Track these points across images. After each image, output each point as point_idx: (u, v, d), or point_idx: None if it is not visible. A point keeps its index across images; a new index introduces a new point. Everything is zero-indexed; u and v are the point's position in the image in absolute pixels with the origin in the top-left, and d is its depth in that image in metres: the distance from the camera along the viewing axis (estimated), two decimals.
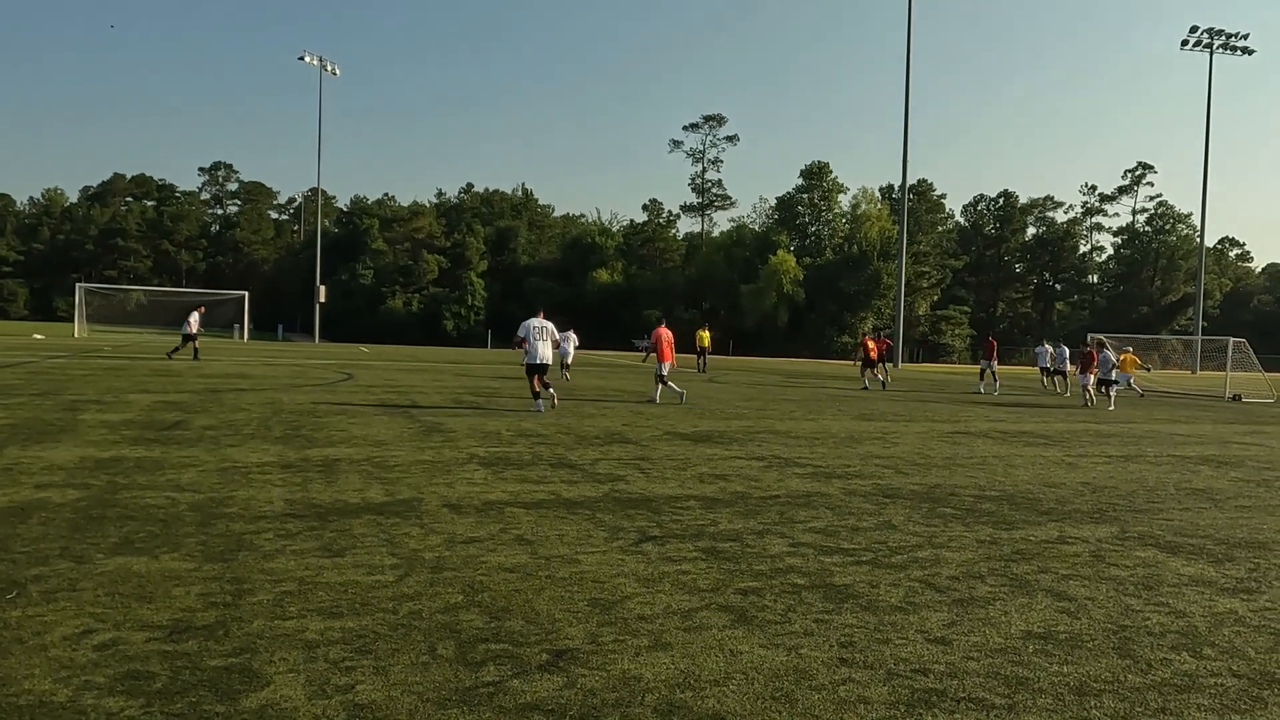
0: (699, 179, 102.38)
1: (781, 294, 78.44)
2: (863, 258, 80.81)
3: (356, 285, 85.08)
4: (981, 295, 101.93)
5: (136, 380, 18.02)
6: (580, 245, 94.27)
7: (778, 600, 4.59)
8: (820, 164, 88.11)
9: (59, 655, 3.47)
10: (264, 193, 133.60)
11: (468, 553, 5.30)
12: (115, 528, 5.56)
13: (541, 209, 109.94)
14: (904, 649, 3.93)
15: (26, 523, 5.60)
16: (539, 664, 3.58)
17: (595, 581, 4.79)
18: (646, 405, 16.62)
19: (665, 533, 6.05)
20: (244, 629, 3.84)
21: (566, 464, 8.96)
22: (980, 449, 11.80)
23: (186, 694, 3.16)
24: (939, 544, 6.05)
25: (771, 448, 10.96)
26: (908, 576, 5.16)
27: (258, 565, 4.84)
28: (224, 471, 7.72)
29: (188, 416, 11.74)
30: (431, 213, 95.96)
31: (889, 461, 10.16)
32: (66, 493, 6.57)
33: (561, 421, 12.96)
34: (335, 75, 64.01)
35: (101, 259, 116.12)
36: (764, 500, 7.42)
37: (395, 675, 3.40)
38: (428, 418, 12.77)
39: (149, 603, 4.14)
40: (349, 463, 8.46)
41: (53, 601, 4.11)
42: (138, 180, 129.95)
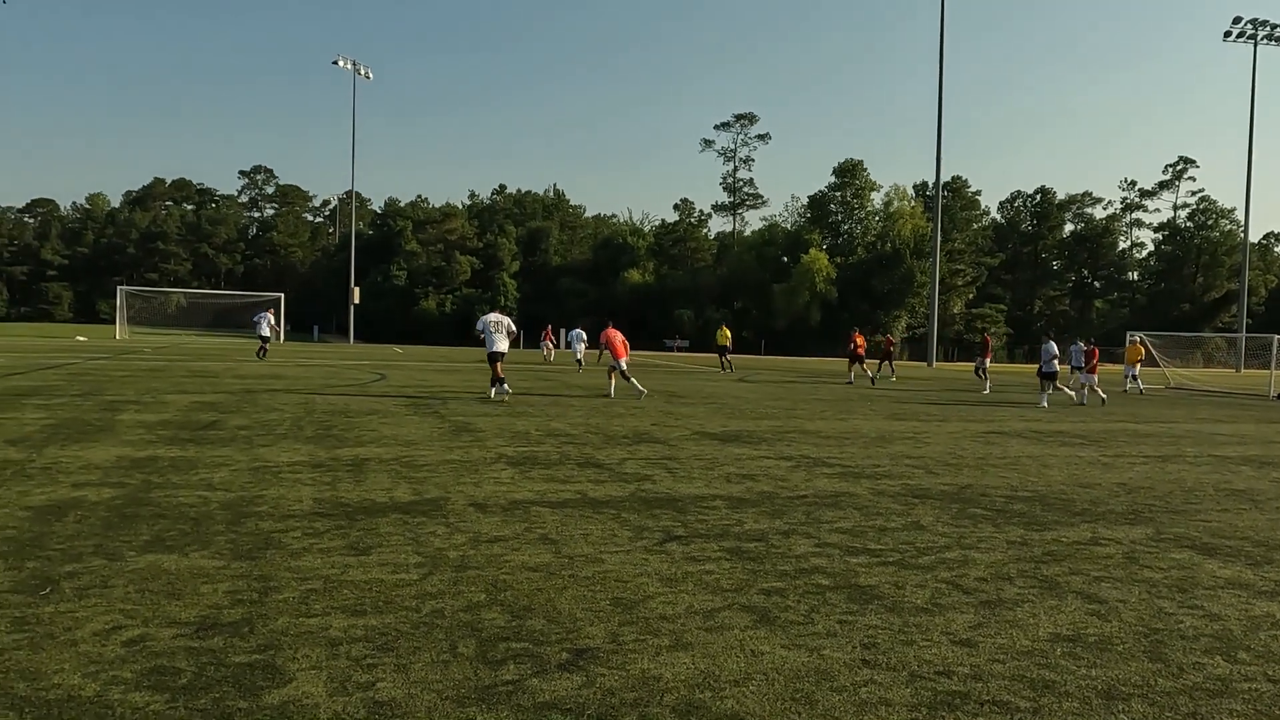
0: (730, 178, 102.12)
1: (814, 293, 77.95)
2: (895, 256, 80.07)
3: (390, 286, 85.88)
4: (1018, 293, 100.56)
5: (175, 381, 18.34)
6: (611, 245, 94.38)
7: (801, 601, 4.55)
8: (853, 161, 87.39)
9: (88, 651, 3.54)
10: (300, 196, 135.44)
11: (492, 552, 5.32)
12: (148, 526, 5.65)
13: (573, 209, 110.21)
14: (928, 651, 3.89)
15: (62, 520, 5.72)
16: (559, 663, 3.59)
17: (618, 581, 4.79)
18: (679, 405, 16.59)
19: (690, 532, 6.04)
20: (269, 626, 3.89)
21: (594, 463, 8.97)
22: (1014, 449, 11.63)
23: (210, 690, 3.21)
24: (968, 545, 5.97)
25: (800, 447, 10.89)
26: (934, 578, 5.10)
27: (285, 563, 4.90)
28: (255, 471, 7.82)
29: (223, 417, 11.92)
30: (464, 214, 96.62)
31: (919, 461, 10.05)
32: (102, 491, 6.69)
33: (590, 421, 12.98)
34: (369, 79, 64.71)
35: (142, 262, 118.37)
36: (791, 500, 7.38)
37: (415, 673, 3.42)
38: (457, 418, 12.85)
39: (177, 600, 4.21)
40: (378, 462, 8.54)
41: (85, 598, 4.18)
42: (178, 184, 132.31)
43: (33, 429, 10.04)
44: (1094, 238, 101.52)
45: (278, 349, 41.90)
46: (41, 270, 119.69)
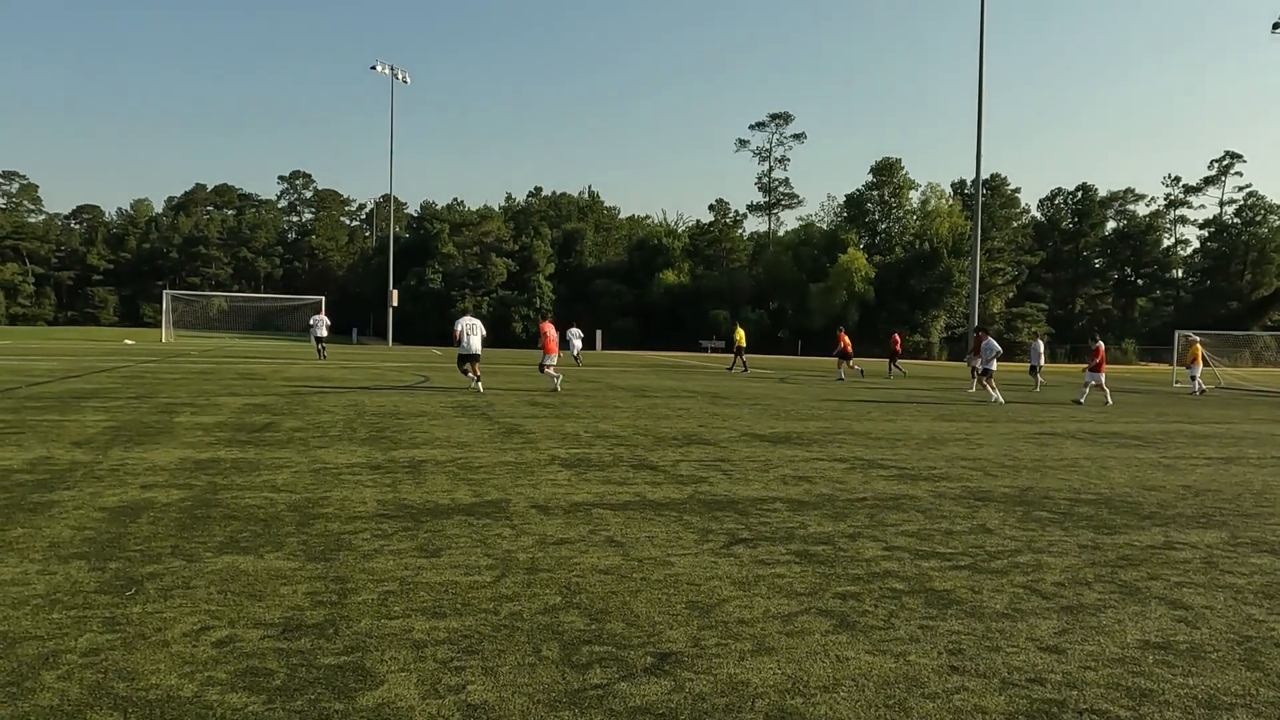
0: (766, 177, 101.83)
1: (852, 293, 77.35)
2: (934, 255, 79.24)
3: (427, 289, 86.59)
4: (1059, 292, 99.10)
5: (224, 384, 18.62)
6: (646, 246, 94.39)
7: (878, 605, 4.49)
8: (890, 160, 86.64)
9: (181, 651, 3.58)
10: (338, 200, 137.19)
11: (560, 554, 5.32)
12: (220, 527, 5.73)
13: (608, 211, 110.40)
14: (1016, 657, 3.81)
15: (137, 521, 5.81)
16: (644, 667, 3.57)
17: (690, 584, 4.76)
18: (725, 407, 16.54)
19: (755, 535, 5.99)
20: (352, 628, 3.91)
21: (648, 465, 8.96)
22: (1070, 450, 11.43)
23: (305, 691, 3.23)
24: (1038, 549, 5.87)
25: (852, 449, 10.79)
26: (1010, 582, 5.01)
27: (358, 565, 4.93)
28: (316, 472, 7.90)
29: (276, 419, 12.07)
30: (499, 217, 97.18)
31: (975, 464, 9.91)
32: (171, 493, 6.80)
33: (638, 423, 12.97)
34: (406, 83, 65.34)
35: (185, 266, 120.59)
36: (851, 503, 7.31)
37: (504, 676, 3.42)
38: (506, 419, 12.91)
39: (259, 601, 4.25)
40: (434, 464, 8.59)
41: (169, 599, 4.24)
42: (219, 190, 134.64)
43: (95, 430, 10.24)
44: (1137, 235, 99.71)
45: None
46: (88, 275, 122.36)
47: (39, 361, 26.01)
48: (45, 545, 5.14)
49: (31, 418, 11.36)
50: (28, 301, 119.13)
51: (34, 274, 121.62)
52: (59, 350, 35.95)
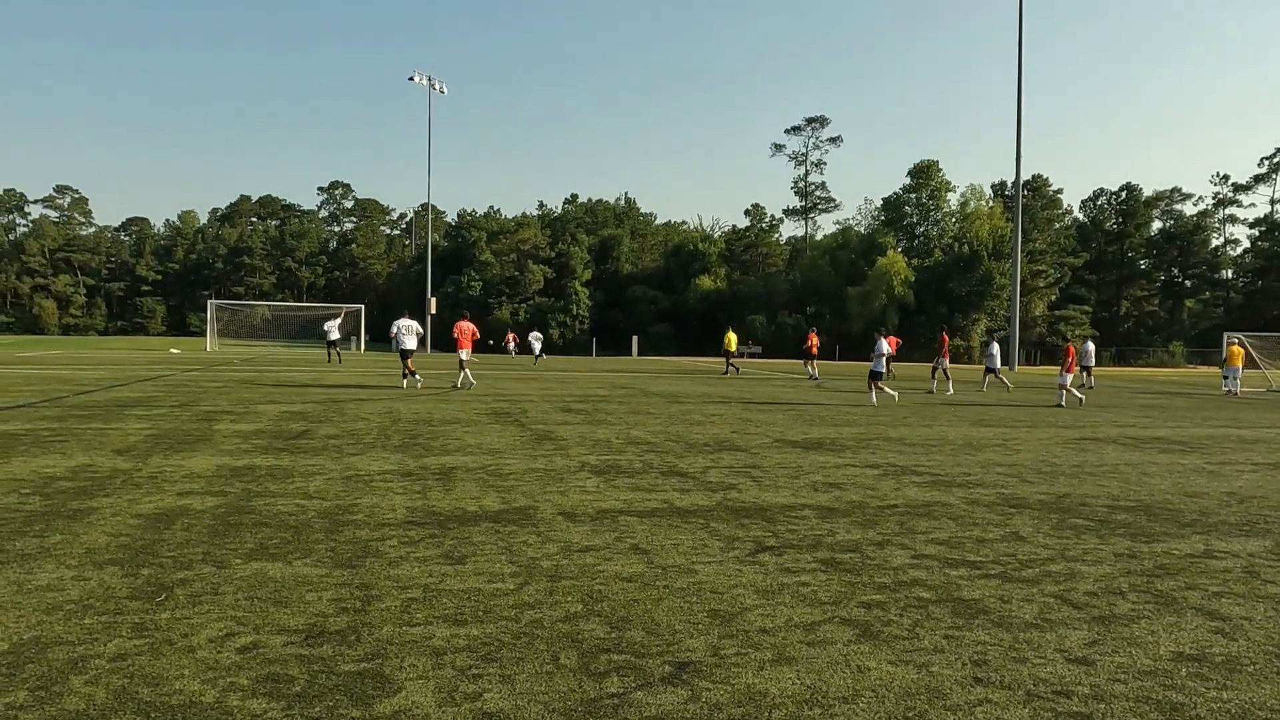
0: (801, 182, 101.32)
1: (891, 296, 76.60)
2: (973, 258, 78.20)
3: (465, 296, 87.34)
4: (1104, 294, 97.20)
5: (264, 392, 18.93)
6: (683, 252, 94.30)
7: (904, 614, 4.43)
8: (928, 162, 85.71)
9: (205, 657, 3.64)
10: (378, 209, 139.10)
11: (584, 561, 5.32)
12: (251, 534, 5.82)
13: (644, 217, 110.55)
14: (1043, 669, 3.74)
15: (171, 528, 5.92)
16: (662, 676, 3.55)
17: (714, 592, 4.74)
18: (758, 413, 16.46)
19: (782, 543, 5.95)
20: (374, 634, 3.95)
21: (677, 472, 8.94)
22: (1110, 456, 11.20)
23: (324, 698, 3.26)
24: (1072, 557, 5.75)
25: (886, 455, 10.68)
26: (1041, 591, 4.91)
27: (384, 572, 4.98)
28: (348, 479, 8.00)
29: (312, 426, 12.24)
30: (536, 224, 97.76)
31: (1011, 469, 9.75)
32: (205, 500, 6.92)
33: (670, 429, 12.95)
34: (443, 94, 66.03)
35: (230, 276, 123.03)
36: (882, 510, 7.22)
37: (521, 684, 3.43)
38: (538, 426, 12.96)
39: (285, 607, 4.30)
40: (465, 471, 8.65)
41: (198, 605, 4.31)
42: (263, 201, 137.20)
43: (137, 439, 10.46)
44: (1184, 235, 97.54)
45: (358, 359, 43.04)
46: (136, 286, 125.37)
47: (87, 371, 26.65)
48: (82, 551, 5.26)
49: (76, 426, 11.64)
50: (79, 312, 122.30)
51: (85, 285, 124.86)
52: (107, 360, 36.81)
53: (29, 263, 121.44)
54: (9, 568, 4.89)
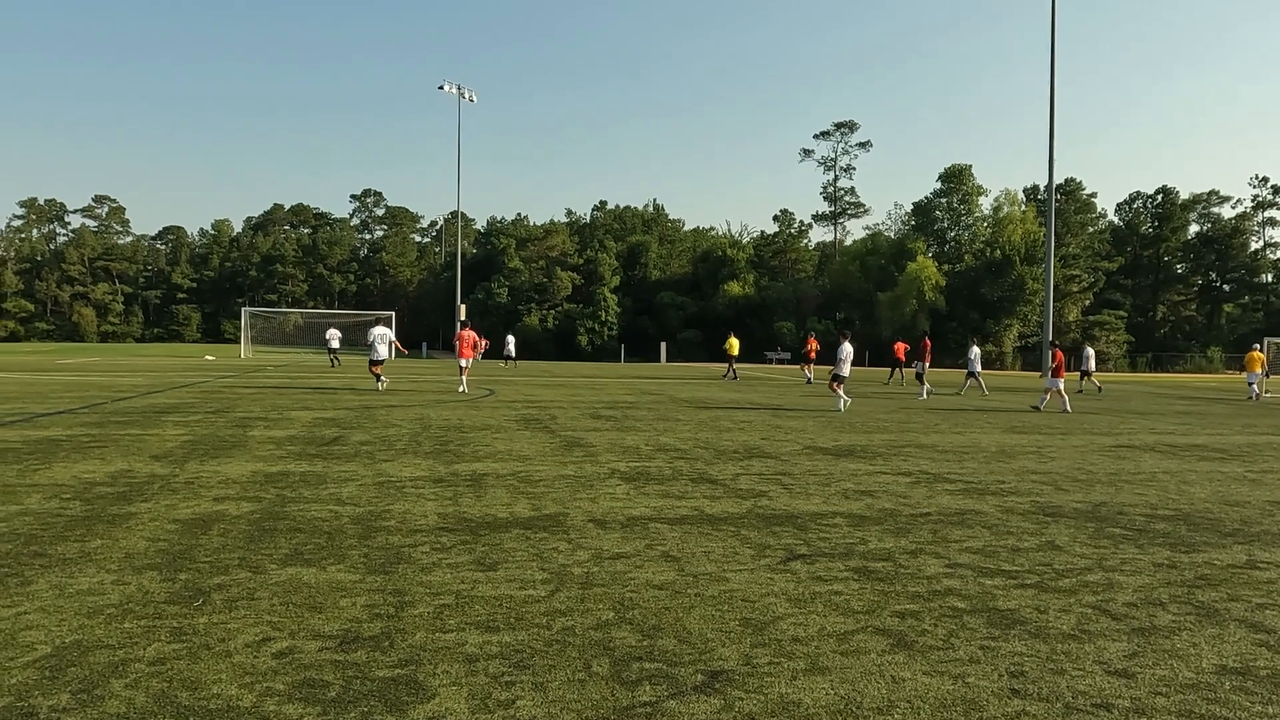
0: (831, 187, 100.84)
1: (922, 302, 75.94)
2: (1005, 262, 77.29)
3: (494, 303, 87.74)
4: (1139, 298, 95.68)
5: (297, 398, 19.14)
6: (711, 258, 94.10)
7: (938, 624, 4.39)
8: (960, 166, 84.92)
9: (242, 662, 3.68)
10: (408, 217, 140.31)
11: (615, 569, 5.32)
12: (286, 539, 5.88)
13: (672, 223, 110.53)
14: (1081, 681, 3.68)
15: (208, 534, 6.00)
16: (694, 685, 3.54)
17: (745, 600, 4.71)
18: (788, 419, 16.39)
19: (813, 551, 5.91)
20: (407, 641, 3.97)
21: (707, 479, 8.91)
22: (1148, 464, 11.02)
23: (358, 703, 3.29)
24: (1110, 567, 5.66)
25: (918, 462, 10.58)
26: (1078, 602, 4.84)
27: (416, 578, 5.01)
28: (380, 486, 8.06)
29: (345, 432, 12.35)
30: (565, 231, 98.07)
31: (1046, 477, 9.62)
32: (241, 505, 7.01)
33: (699, 436, 12.92)
34: (473, 102, 66.54)
35: (263, 284, 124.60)
36: (914, 518, 7.15)
37: (553, 692, 3.43)
38: (568, 433, 12.99)
39: (319, 613, 4.34)
40: (495, 477, 8.69)
41: (234, 610, 4.36)
42: (295, 209, 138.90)
43: (174, 444, 10.62)
44: (1222, 239, 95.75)
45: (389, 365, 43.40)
46: (172, 293, 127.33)
47: (125, 377, 27.11)
48: (121, 556, 5.34)
49: (115, 432, 11.84)
50: (117, 320, 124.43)
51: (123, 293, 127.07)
52: (144, 366, 37.42)
53: (69, 271, 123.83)
54: (51, 571, 4.98)
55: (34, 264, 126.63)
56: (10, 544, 5.61)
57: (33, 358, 48.75)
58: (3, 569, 5.02)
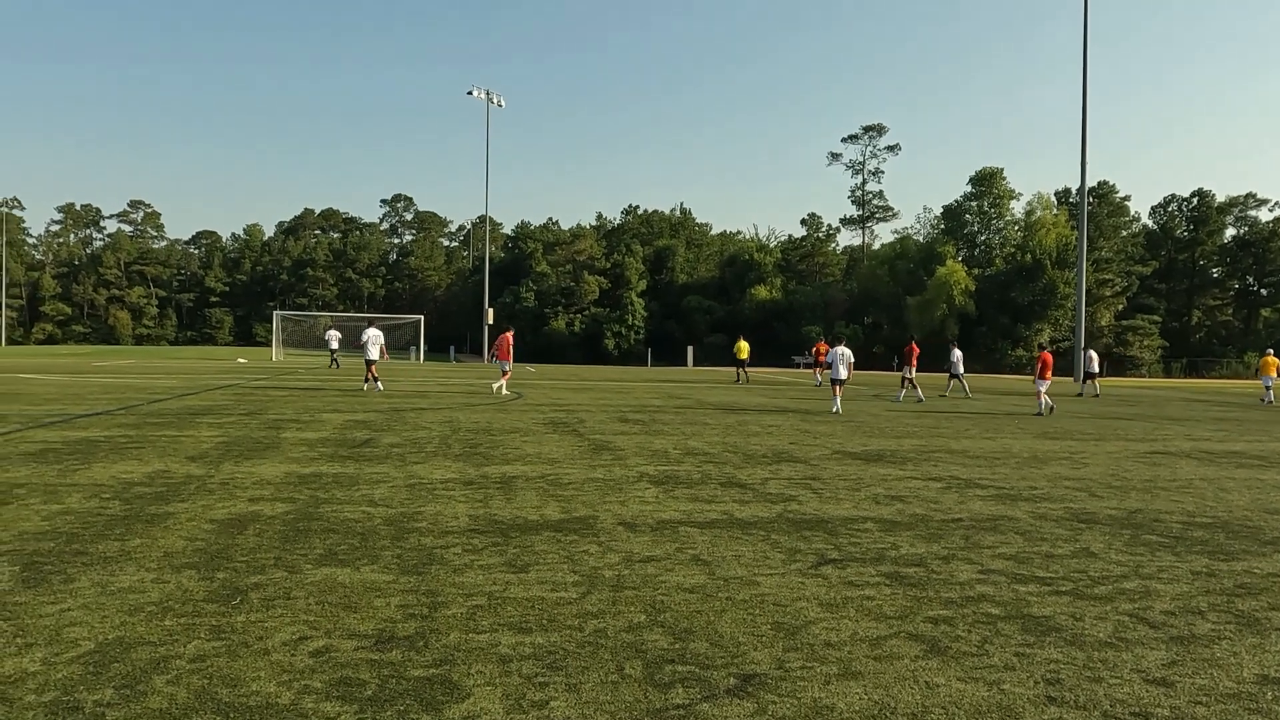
0: (859, 191, 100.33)
1: (951, 306, 75.31)
2: (1036, 266, 76.47)
3: (521, 307, 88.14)
4: (1174, 303, 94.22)
5: (328, 400, 19.34)
6: (738, 262, 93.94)
7: (972, 630, 4.35)
8: (991, 170, 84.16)
9: (280, 660, 3.73)
10: (436, 221, 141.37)
11: (646, 572, 5.33)
12: (320, 540, 5.95)
13: (699, 227, 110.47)
14: (1119, 689, 3.64)
15: (244, 533, 6.09)
16: (727, 688, 3.54)
17: (777, 605, 4.71)
18: (816, 424, 16.32)
19: (844, 556, 5.89)
20: (441, 641, 4.01)
21: (736, 483, 8.90)
22: (1184, 471, 10.85)
23: (394, 702, 3.32)
24: (1147, 575, 5.58)
25: (948, 468, 10.50)
26: (1115, 609, 4.78)
27: (449, 579, 5.05)
28: (412, 487, 8.13)
29: (375, 435, 12.47)
30: (592, 235, 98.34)
31: (1080, 484, 9.51)
32: (276, 506, 7.10)
33: (727, 440, 12.91)
34: (501, 107, 66.94)
35: (294, 287, 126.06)
36: (946, 523, 7.10)
37: (587, 693, 3.45)
38: (596, 436, 13.02)
39: (354, 612, 4.39)
40: (525, 480, 8.73)
41: (271, 608, 4.43)
42: (326, 214, 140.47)
43: (209, 445, 10.77)
44: (1259, 242, 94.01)
45: (418, 369, 43.74)
46: (206, 297, 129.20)
47: (160, 380, 27.53)
48: (160, 555, 5.43)
49: (151, 433, 12.03)
50: (151, 323, 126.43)
51: (157, 296, 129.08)
52: (178, 369, 37.98)
53: (105, 275, 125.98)
54: (93, 569, 5.07)
55: (71, 268, 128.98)
56: (53, 542, 5.72)
57: (70, 360, 49.65)
58: (47, 566, 5.13)
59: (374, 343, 23.60)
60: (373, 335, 23.72)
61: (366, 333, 23.85)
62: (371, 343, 23.60)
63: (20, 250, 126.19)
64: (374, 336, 23.71)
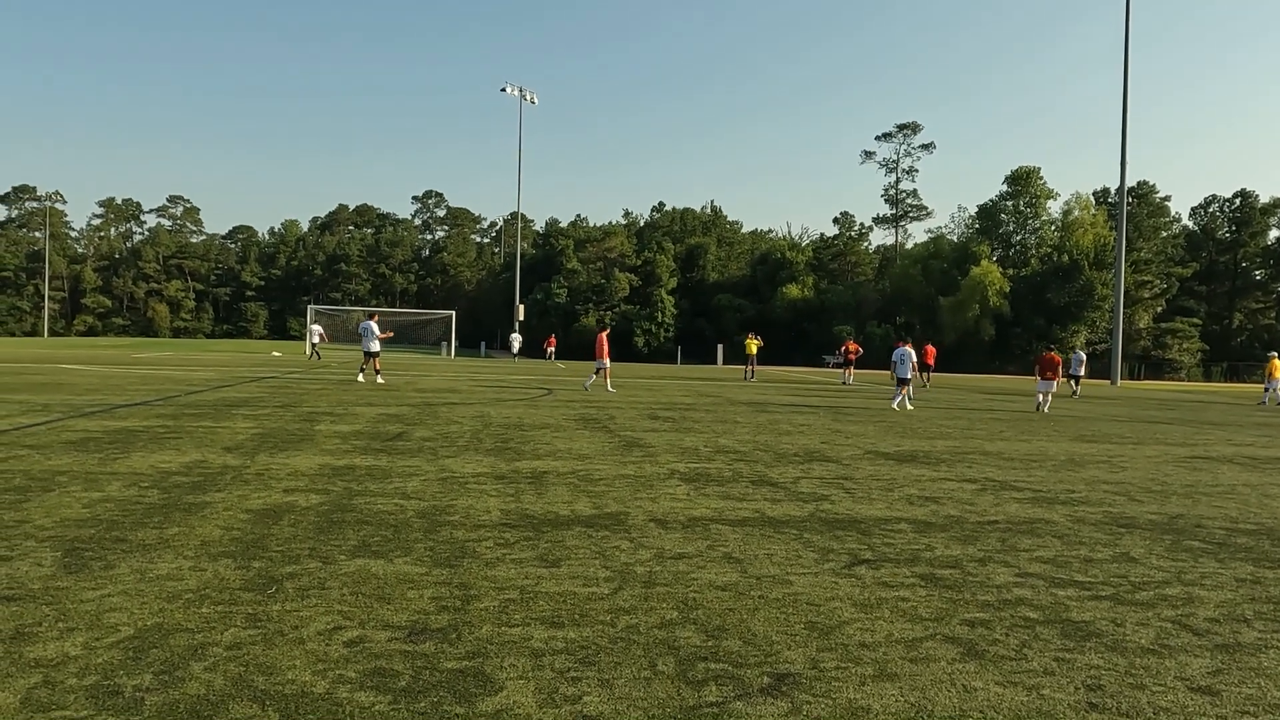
0: (892, 189, 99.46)
1: (985, 307, 74.43)
2: (1073, 267, 75.39)
3: (552, 304, 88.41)
4: (1214, 305, 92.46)
5: (361, 394, 19.51)
6: (769, 261, 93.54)
7: (1010, 634, 4.28)
8: (1027, 169, 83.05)
9: (314, 649, 3.76)
10: (468, 218, 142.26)
11: (678, 569, 5.31)
12: (353, 531, 5.99)
13: (730, 225, 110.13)
14: (1162, 697, 3.56)
15: (279, 524, 6.15)
16: (760, 687, 3.51)
17: (810, 604, 4.66)
18: (848, 424, 16.20)
19: (878, 556, 5.82)
20: (474, 634, 4.01)
21: (768, 482, 8.85)
22: (1226, 476, 10.63)
23: (428, 694, 3.33)
24: (1189, 581, 5.47)
25: (983, 469, 10.36)
26: (1157, 616, 4.69)
27: (481, 572, 5.06)
28: (444, 481, 8.17)
29: (408, 428, 12.55)
30: (623, 232, 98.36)
31: (1119, 487, 9.35)
32: (310, 497, 7.16)
33: (758, 439, 12.84)
34: (534, 104, 67.15)
35: (328, 283, 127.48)
36: (981, 525, 7.01)
37: (619, 689, 3.43)
38: (626, 433, 13.01)
39: (388, 603, 4.41)
40: (556, 475, 8.74)
41: (306, 598, 4.46)
42: (359, 210, 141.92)
43: (244, 437, 10.90)
44: None
45: (449, 364, 44.04)
46: (241, 291, 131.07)
47: (197, 372, 27.93)
48: (198, 544, 5.50)
49: (189, 424, 12.20)
50: (189, 316, 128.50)
51: (195, 290, 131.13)
52: (214, 361, 38.52)
53: (144, 269, 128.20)
54: (132, 556, 5.14)
55: (112, 262, 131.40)
56: (94, 529, 5.81)
57: (110, 352, 50.54)
58: (88, 553, 5.21)
59: (372, 336, 24.28)
60: (366, 326, 24.45)
61: (366, 324, 24.51)
62: (369, 336, 24.28)
63: (63, 244, 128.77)
64: (368, 328, 24.40)
